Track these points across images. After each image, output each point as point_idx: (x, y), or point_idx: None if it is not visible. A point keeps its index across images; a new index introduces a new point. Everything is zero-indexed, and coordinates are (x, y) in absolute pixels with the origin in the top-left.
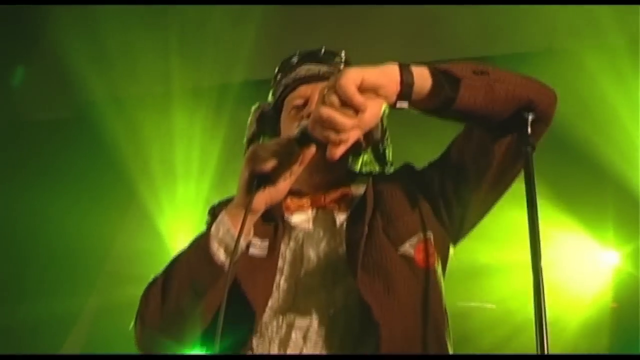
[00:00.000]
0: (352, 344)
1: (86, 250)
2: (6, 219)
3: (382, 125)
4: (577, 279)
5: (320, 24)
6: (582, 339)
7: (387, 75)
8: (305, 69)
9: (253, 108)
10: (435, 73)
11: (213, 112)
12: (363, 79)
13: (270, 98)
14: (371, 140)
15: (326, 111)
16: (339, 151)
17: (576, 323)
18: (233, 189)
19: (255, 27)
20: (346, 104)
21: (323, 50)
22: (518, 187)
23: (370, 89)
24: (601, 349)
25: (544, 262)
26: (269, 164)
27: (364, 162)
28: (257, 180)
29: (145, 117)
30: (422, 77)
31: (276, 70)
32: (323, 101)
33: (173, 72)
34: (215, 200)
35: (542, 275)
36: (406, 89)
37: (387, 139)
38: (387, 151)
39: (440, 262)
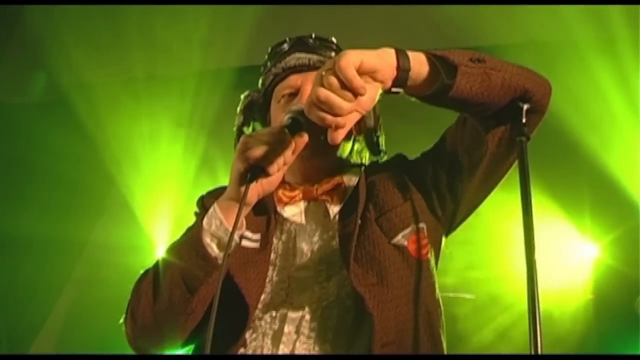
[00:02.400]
0: (347, 336)
1: (64, 238)
2: None
3: (375, 112)
4: (556, 271)
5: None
6: (562, 329)
7: (385, 59)
8: (295, 58)
9: (242, 95)
10: (432, 59)
11: (195, 99)
12: (362, 61)
13: (260, 86)
14: (364, 128)
15: (324, 93)
16: (340, 135)
17: (557, 314)
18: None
19: (245, 13)
20: (345, 87)
21: (313, 36)
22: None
23: (368, 73)
24: (581, 339)
25: (520, 255)
26: (262, 155)
27: (356, 150)
28: (251, 176)
29: (124, 102)
30: (418, 63)
31: (266, 56)
32: (321, 83)
33: (154, 57)
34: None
35: (536, 271)
36: (402, 75)
37: (380, 127)
38: (380, 139)
39: (433, 253)
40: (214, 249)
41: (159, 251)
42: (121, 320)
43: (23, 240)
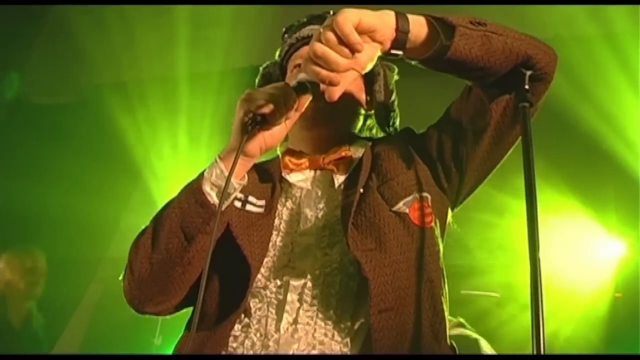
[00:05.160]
0: (351, 303)
1: (91, 233)
2: (13, 201)
3: (388, 88)
4: (582, 270)
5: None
6: (585, 328)
7: (384, 20)
8: (308, 29)
9: (261, 68)
10: (431, 21)
11: (219, 96)
12: (360, 19)
13: (277, 57)
14: (375, 103)
15: (320, 47)
16: (336, 92)
17: (579, 313)
18: None
19: (258, 13)
20: (342, 42)
21: (332, 12)
22: None
23: (366, 32)
24: (607, 337)
25: (545, 252)
26: (263, 104)
27: (368, 126)
28: (252, 123)
29: (151, 101)
30: (418, 25)
31: (284, 29)
32: (318, 39)
33: (178, 57)
34: None
35: (539, 264)
36: (401, 36)
37: (393, 103)
38: (393, 116)
39: (438, 223)
40: (213, 197)
41: None
42: (120, 277)
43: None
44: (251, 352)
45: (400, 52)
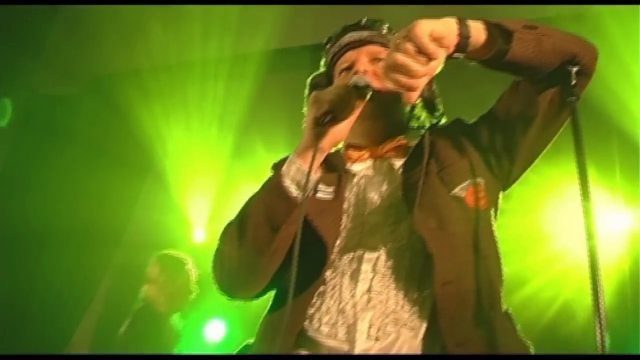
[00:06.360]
0: (417, 277)
1: (105, 221)
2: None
3: (431, 80)
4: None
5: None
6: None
7: (449, 27)
8: (349, 36)
9: (308, 80)
10: (489, 27)
11: (230, 83)
12: (433, 29)
13: (322, 68)
14: (421, 93)
15: (401, 57)
16: (414, 96)
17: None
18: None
19: None
20: (419, 52)
21: (365, 19)
22: None
23: (437, 40)
24: (617, 315)
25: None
26: (333, 103)
27: (415, 116)
28: (323, 122)
29: (162, 89)
30: (477, 30)
31: (325, 41)
32: (396, 49)
33: (190, 43)
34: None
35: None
36: (463, 41)
37: (435, 91)
38: (437, 103)
39: (491, 206)
40: (293, 190)
41: (196, 233)
42: (210, 268)
43: (63, 232)
44: (327, 317)
45: (461, 55)
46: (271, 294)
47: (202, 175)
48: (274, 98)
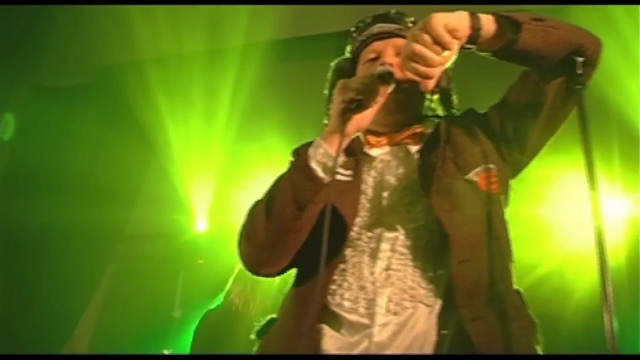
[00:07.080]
0: (433, 256)
1: (108, 211)
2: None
3: (448, 75)
4: (585, 231)
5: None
6: (592, 294)
7: (462, 20)
8: (377, 27)
9: (332, 63)
10: (498, 19)
11: (233, 74)
12: (447, 22)
13: (347, 54)
14: (438, 87)
15: (419, 47)
16: (431, 84)
17: (586, 278)
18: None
19: None
20: (436, 42)
21: (393, 11)
22: None
23: (451, 31)
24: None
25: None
26: (360, 90)
27: (430, 107)
28: (349, 108)
29: (163, 78)
30: (488, 23)
31: (352, 29)
32: (414, 40)
33: (190, 34)
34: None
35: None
36: (475, 33)
37: (451, 84)
38: (452, 95)
39: (502, 190)
40: (319, 172)
41: (199, 222)
42: (236, 245)
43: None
44: (348, 293)
45: (473, 46)
46: (291, 273)
47: (204, 166)
48: (278, 88)
